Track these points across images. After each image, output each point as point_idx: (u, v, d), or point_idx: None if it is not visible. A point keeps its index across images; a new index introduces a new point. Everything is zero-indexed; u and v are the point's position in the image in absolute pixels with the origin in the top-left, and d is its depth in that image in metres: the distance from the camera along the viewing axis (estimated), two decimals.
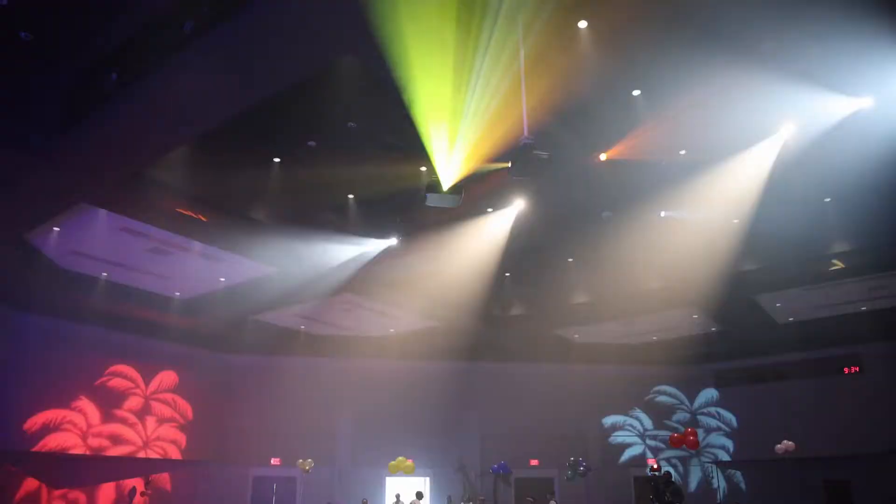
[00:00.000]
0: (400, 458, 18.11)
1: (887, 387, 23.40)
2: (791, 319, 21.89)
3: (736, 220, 15.10)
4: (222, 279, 18.57)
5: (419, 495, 18.69)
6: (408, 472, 18.60)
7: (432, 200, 10.24)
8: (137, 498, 21.65)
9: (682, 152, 12.97)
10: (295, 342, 23.00)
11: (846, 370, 24.94)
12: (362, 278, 17.27)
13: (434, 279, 17.24)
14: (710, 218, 14.52)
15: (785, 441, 18.10)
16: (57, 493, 20.87)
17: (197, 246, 16.24)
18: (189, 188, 13.72)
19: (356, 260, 16.25)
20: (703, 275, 17.22)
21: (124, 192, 13.38)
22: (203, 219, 14.47)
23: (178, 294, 19.67)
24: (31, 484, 20.24)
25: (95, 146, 11.61)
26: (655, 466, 16.18)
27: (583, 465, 21.13)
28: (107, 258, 17.02)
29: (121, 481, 22.20)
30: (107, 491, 22.03)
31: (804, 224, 14.77)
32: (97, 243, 15.91)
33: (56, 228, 15.07)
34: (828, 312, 21.22)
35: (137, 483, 22.06)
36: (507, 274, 18.84)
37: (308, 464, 18.33)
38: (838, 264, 16.95)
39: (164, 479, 23.15)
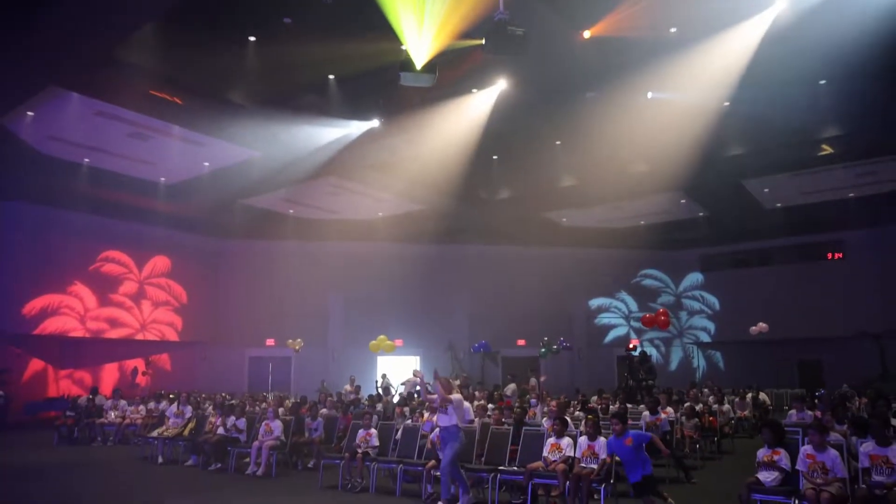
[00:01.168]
0: (381, 336, 18.66)
1: (868, 273, 23.85)
2: (778, 205, 21.91)
3: (727, 103, 14.80)
4: (206, 164, 18.40)
5: (415, 373, 19.41)
6: (388, 351, 19.19)
7: (406, 80, 9.93)
8: (139, 377, 22.64)
9: (673, 30, 12.46)
10: (284, 226, 23.13)
11: (829, 256, 25.31)
12: (346, 161, 17.11)
13: (419, 161, 17.05)
14: (698, 100, 14.16)
15: (760, 323, 18.58)
16: (63, 373, 21.76)
17: (176, 130, 15.97)
18: (161, 70, 13.26)
19: (338, 142, 16.01)
20: (690, 158, 17.05)
21: (93, 74, 12.97)
22: (178, 101, 14.10)
23: (163, 179, 19.54)
24: (36, 365, 21.07)
25: (60, 25, 11.12)
26: (632, 346, 16.75)
27: (563, 344, 21.84)
28: (86, 143, 16.77)
29: (123, 362, 23.10)
30: (110, 371, 22.94)
31: (794, 107, 14.43)
32: (74, 128, 15.62)
33: (30, 113, 14.73)
34: (815, 199, 21.21)
35: (139, 363, 22.99)
36: (495, 157, 18.64)
37: (298, 343, 18.92)
38: (827, 149, 16.74)
39: (163, 359, 24.03)
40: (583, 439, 7.60)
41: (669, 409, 11.36)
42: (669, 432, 9.87)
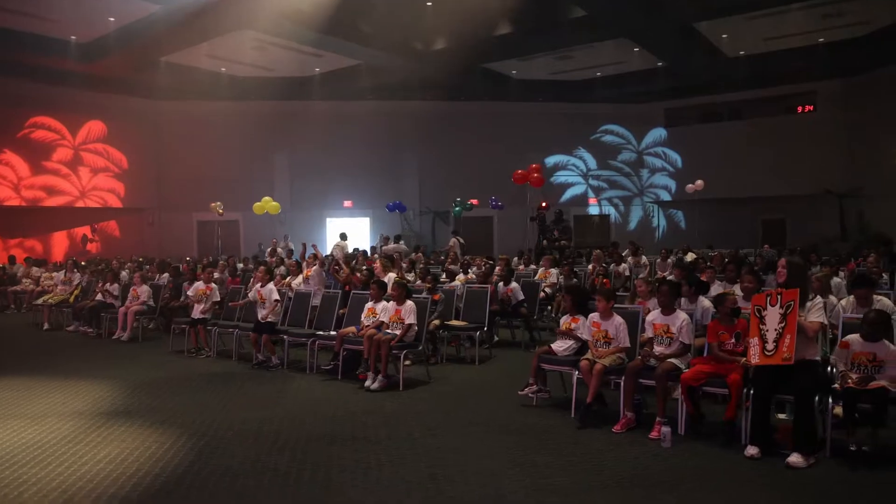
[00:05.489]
0: (265, 198, 18.45)
1: (838, 127, 22.60)
2: (742, 53, 20.27)
3: None
4: (112, 19, 17.10)
5: (343, 236, 19.05)
6: (273, 212, 19.09)
7: None
8: (89, 244, 22.60)
9: None
10: (219, 85, 21.90)
11: (800, 109, 23.92)
12: (256, 11, 15.75)
13: (334, 8, 15.57)
14: None
15: (697, 181, 17.72)
16: (12, 242, 21.69)
17: None
18: None
19: None
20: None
21: None
22: None
23: (73, 38, 18.30)
24: None
25: None
26: (544, 205, 16.06)
27: (493, 203, 21.26)
28: None
29: (71, 230, 22.95)
30: (60, 239, 22.84)
31: None
32: None
33: None
34: (781, 45, 19.55)
35: (87, 231, 22.87)
36: (429, 3, 17.11)
37: (218, 207, 18.54)
38: None
39: (111, 226, 23.86)
40: (390, 304, 7.21)
41: (552, 272, 10.98)
42: (523, 301, 9.40)
